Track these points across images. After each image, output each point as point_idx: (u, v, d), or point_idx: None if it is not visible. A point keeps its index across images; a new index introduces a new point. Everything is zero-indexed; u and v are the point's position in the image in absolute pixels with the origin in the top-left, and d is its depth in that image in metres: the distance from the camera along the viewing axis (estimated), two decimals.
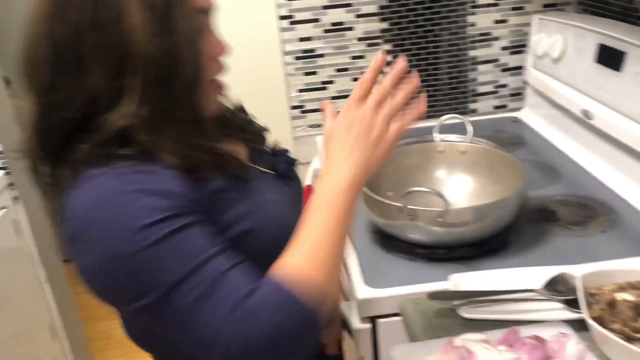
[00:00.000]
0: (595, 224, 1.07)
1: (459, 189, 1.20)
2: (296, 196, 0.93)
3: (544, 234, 1.06)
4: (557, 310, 0.84)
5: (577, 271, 0.80)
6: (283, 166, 0.90)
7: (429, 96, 1.62)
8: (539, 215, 1.12)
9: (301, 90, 1.60)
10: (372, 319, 0.95)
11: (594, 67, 1.24)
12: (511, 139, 1.48)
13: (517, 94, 1.66)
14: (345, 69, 1.59)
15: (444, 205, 0.94)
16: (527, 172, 1.06)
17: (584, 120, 1.28)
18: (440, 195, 0.95)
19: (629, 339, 0.69)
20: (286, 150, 0.95)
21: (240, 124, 0.93)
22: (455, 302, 0.86)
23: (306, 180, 1.50)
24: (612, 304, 0.73)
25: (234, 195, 0.75)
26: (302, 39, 1.55)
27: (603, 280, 0.78)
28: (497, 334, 0.77)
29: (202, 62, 0.71)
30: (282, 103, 1.61)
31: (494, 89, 1.65)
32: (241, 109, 0.97)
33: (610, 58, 1.18)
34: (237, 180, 0.77)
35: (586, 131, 1.31)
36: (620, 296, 0.74)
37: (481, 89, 1.64)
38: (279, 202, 0.83)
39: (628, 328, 0.69)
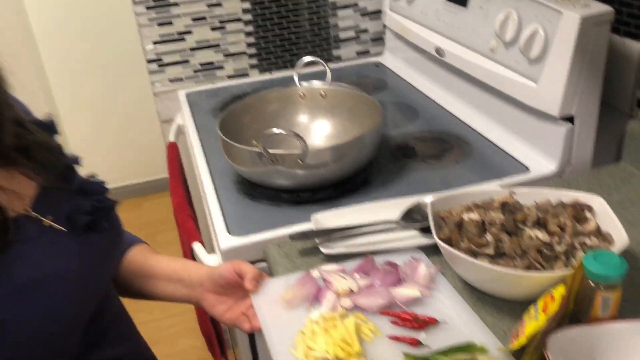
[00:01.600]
0: (450, 156, 1.12)
1: (322, 132, 1.19)
2: (100, 258, 0.71)
3: (404, 169, 1.08)
4: (413, 238, 0.87)
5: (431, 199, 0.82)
6: (84, 215, 0.67)
7: (291, 44, 1.60)
8: (399, 153, 1.15)
9: (156, 43, 1.51)
10: None
11: (443, 5, 1.27)
12: (374, 84, 1.49)
13: (378, 39, 1.68)
14: (203, 18, 1.52)
15: (302, 147, 0.93)
16: (383, 110, 1.07)
17: (438, 59, 1.31)
18: (298, 136, 0.93)
19: (475, 254, 0.72)
20: (103, 188, 0.73)
21: (31, 148, 0.67)
22: (317, 240, 0.86)
23: (170, 137, 1.44)
24: (459, 225, 0.76)
25: None
26: None
27: (452, 204, 0.81)
28: (354, 263, 0.78)
29: None
30: (138, 57, 1.51)
31: (355, 35, 1.65)
32: (48, 126, 0.72)
33: None
34: None
35: (440, 69, 1.35)
36: (467, 216, 0.77)
37: (343, 35, 1.64)
38: (57, 280, 0.63)
39: (473, 244, 0.72)
